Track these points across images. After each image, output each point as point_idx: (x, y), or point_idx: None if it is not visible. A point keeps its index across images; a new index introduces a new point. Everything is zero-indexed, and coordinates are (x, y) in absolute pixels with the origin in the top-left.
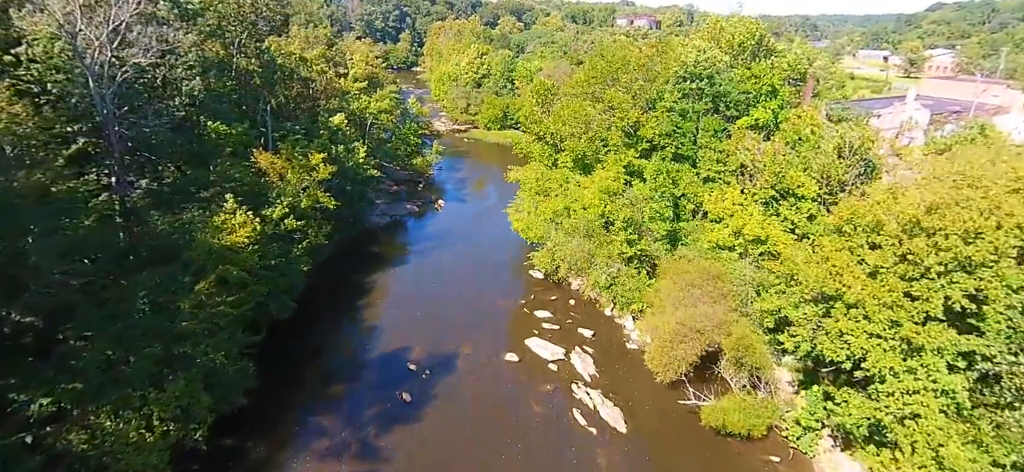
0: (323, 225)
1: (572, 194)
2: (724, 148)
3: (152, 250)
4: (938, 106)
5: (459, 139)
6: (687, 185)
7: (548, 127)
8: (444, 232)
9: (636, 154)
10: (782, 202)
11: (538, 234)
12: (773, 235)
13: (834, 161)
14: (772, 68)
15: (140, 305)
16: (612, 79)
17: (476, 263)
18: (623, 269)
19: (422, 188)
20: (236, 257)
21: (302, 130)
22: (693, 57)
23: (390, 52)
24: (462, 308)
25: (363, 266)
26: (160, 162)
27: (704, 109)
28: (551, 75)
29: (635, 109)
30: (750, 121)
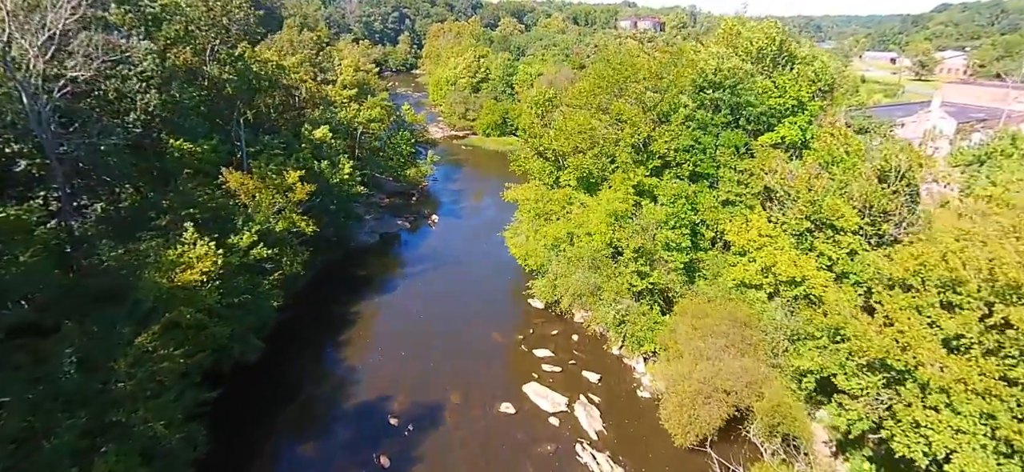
0: (300, 251)
1: (575, 219)
2: (746, 167)
3: (97, 290)
4: (961, 113)
5: (457, 146)
6: (707, 210)
7: (549, 142)
8: (437, 252)
9: (646, 172)
10: (817, 234)
11: (538, 262)
12: (810, 275)
13: (876, 187)
14: (797, 78)
15: (66, 365)
16: (619, 89)
17: (470, 289)
18: (633, 306)
19: (416, 201)
20: (193, 296)
21: (282, 144)
22: (713, 64)
23: (389, 54)
24: (453, 345)
25: (347, 293)
26: (117, 184)
27: (723, 122)
28: (552, 81)
29: (646, 122)
30: (775, 138)
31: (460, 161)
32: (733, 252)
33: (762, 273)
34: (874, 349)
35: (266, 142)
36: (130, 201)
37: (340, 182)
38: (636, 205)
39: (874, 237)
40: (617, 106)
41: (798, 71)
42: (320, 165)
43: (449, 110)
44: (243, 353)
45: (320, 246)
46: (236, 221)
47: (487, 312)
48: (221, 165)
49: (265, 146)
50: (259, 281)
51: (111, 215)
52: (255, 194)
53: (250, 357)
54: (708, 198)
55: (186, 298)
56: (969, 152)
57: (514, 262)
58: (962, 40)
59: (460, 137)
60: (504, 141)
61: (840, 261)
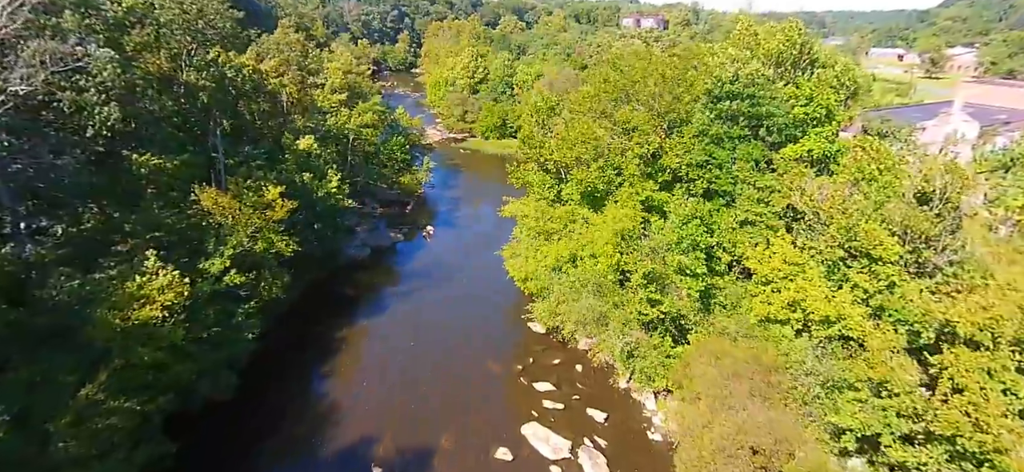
0: (280, 274)
1: (578, 238)
2: (767, 183)
3: (44, 329)
4: (981, 114)
5: (455, 150)
6: (723, 231)
7: (549, 153)
8: (431, 267)
9: (656, 186)
10: (852, 263)
11: (539, 285)
12: (847, 313)
13: (918, 212)
14: (819, 83)
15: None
16: (627, 94)
17: (466, 310)
18: (643, 338)
19: (411, 210)
20: (153, 334)
21: (264, 154)
22: (729, 72)
23: (388, 53)
24: (446, 376)
25: (333, 315)
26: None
27: (740, 134)
28: (553, 83)
29: (656, 132)
30: (800, 151)
31: (458, 166)
32: (755, 281)
33: (789, 308)
34: (941, 424)
35: (247, 153)
36: (93, 223)
37: (326, 196)
38: (644, 222)
39: (913, 265)
40: (624, 113)
41: (818, 75)
42: (303, 178)
43: (447, 112)
44: (214, 390)
45: (305, 264)
46: (208, 244)
47: (483, 337)
48: (196, 180)
49: (246, 158)
50: (233, 310)
51: (73, 238)
52: (231, 213)
53: (223, 395)
54: (725, 218)
55: (145, 337)
56: (994, 157)
57: (513, 282)
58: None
59: (458, 140)
60: (504, 144)
61: (878, 295)
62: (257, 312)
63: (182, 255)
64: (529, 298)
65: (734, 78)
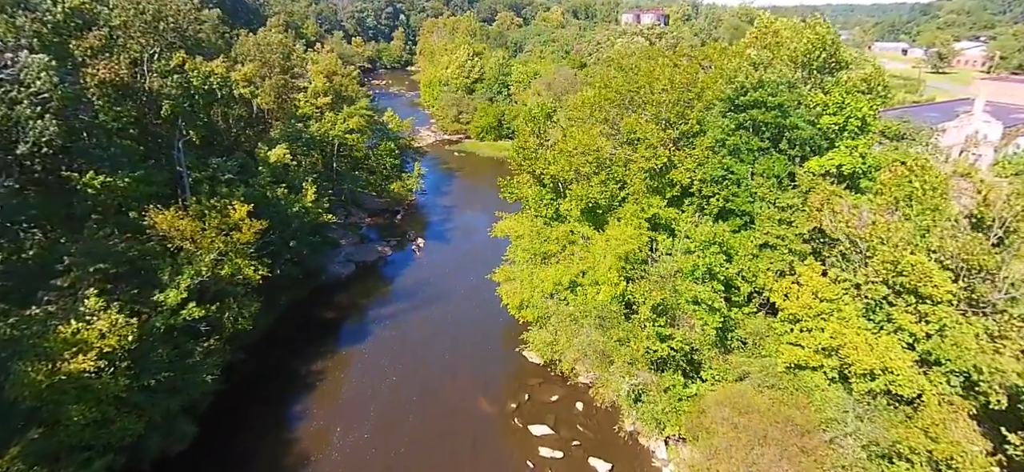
0: (249, 303)
1: (578, 262)
2: (789, 202)
3: None
4: (1000, 113)
5: (449, 153)
6: (743, 257)
7: (546, 165)
8: (420, 286)
9: (663, 202)
10: (896, 301)
11: (535, 313)
12: (896, 366)
13: (976, 241)
14: (850, 89)
15: None
16: (632, 101)
17: (456, 336)
18: (652, 379)
19: (401, 219)
20: (90, 387)
21: (236, 167)
22: (753, 76)
23: (382, 51)
24: (431, 416)
25: (310, 344)
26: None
27: (761, 146)
28: (551, 83)
29: (664, 145)
30: (828, 165)
31: (452, 169)
32: (781, 318)
33: (823, 353)
34: None
35: (216, 166)
36: (35, 251)
37: (302, 211)
38: (651, 244)
39: (963, 302)
40: (629, 122)
41: (839, 78)
42: (277, 193)
43: (441, 112)
44: (168, 445)
45: (280, 286)
46: (162, 273)
47: (474, 369)
48: (156, 199)
49: (215, 171)
50: (191, 348)
51: (15, 267)
52: (192, 237)
53: (178, 446)
54: (745, 243)
55: (79, 391)
56: (1018, 160)
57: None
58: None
59: (453, 142)
60: (499, 146)
61: (927, 340)
62: (221, 347)
63: (133, 287)
64: (525, 324)
65: (759, 84)
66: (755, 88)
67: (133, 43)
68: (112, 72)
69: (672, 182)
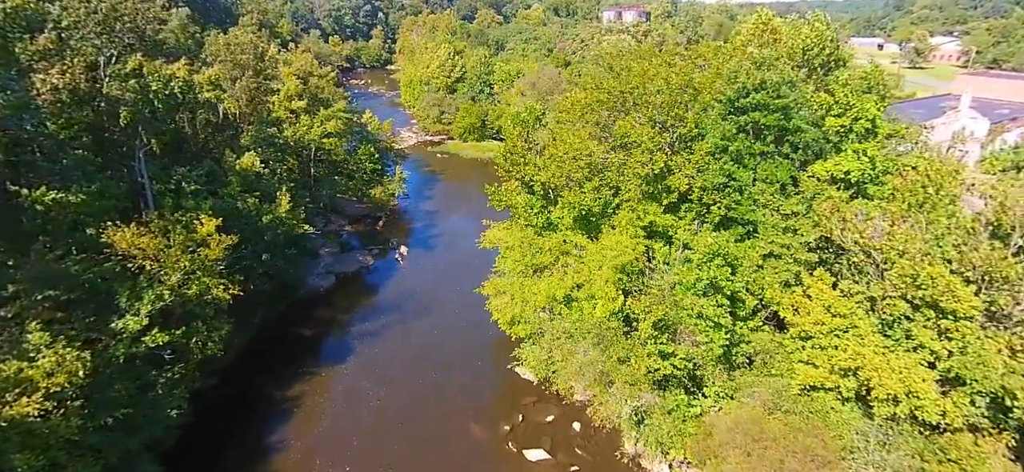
0: (219, 325)
1: (573, 273)
2: (793, 209)
3: None
4: (985, 109)
5: (431, 154)
6: (747, 269)
7: (537, 172)
8: (404, 298)
9: (659, 208)
10: (915, 315)
11: (528, 329)
12: (919, 389)
13: (999, 252)
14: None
15: None
16: (623, 102)
17: (443, 353)
18: (655, 401)
19: (383, 226)
20: (36, 431)
21: (203, 176)
22: (755, 76)
23: (361, 50)
24: (418, 446)
25: (287, 364)
26: None
27: (764, 150)
28: (535, 82)
29: (660, 149)
30: (834, 171)
31: (435, 172)
32: (792, 335)
33: (840, 374)
34: None
35: (182, 176)
36: None
37: (275, 222)
38: (647, 250)
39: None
40: (623, 125)
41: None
42: (247, 203)
43: (423, 113)
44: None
45: (254, 303)
46: (120, 298)
47: (464, 388)
48: (116, 213)
49: (181, 181)
50: (155, 379)
51: None
52: (154, 256)
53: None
54: (749, 253)
55: (25, 436)
56: (1005, 156)
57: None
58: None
59: (435, 143)
60: (483, 146)
61: (949, 358)
62: (189, 373)
63: (89, 314)
64: (517, 340)
65: (761, 84)
66: (757, 89)
67: (87, 45)
68: (66, 77)
69: (669, 188)
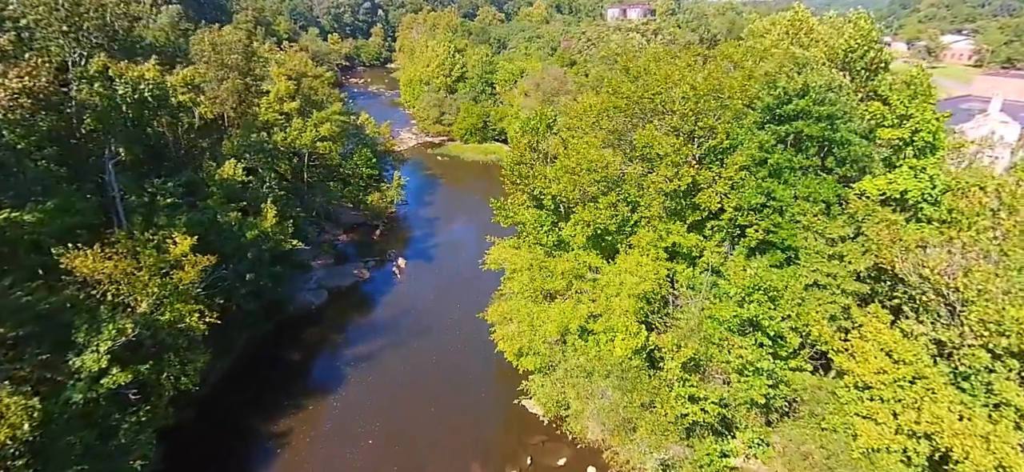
0: (195, 356)
1: (587, 301)
2: (839, 232)
3: None
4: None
5: (432, 157)
6: (790, 302)
7: (547, 185)
8: (401, 318)
9: (683, 227)
10: (996, 365)
11: (537, 362)
12: (1013, 462)
13: None
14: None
15: None
16: (643, 109)
17: (443, 384)
18: (685, 454)
19: (380, 234)
20: None
21: (181, 188)
22: (796, 81)
23: (361, 48)
24: None
25: (272, 393)
26: None
27: (805, 164)
28: (540, 82)
29: (687, 163)
30: (888, 189)
31: (435, 176)
32: (846, 384)
33: (908, 435)
34: None
35: (158, 187)
36: None
37: (261, 237)
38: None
39: None
40: (644, 135)
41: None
42: (228, 216)
43: (423, 113)
44: None
45: (236, 326)
46: (78, 333)
47: (465, 424)
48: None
49: (155, 194)
50: (118, 423)
51: None
52: (121, 281)
53: None
54: (791, 283)
55: None
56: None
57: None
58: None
59: (436, 145)
60: (485, 149)
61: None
62: (160, 412)
63: (43, 351)
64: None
65: (804, 90)
66: (800, 94)
67: (53, 45)
68: (27, 81)
69: (697, 206)
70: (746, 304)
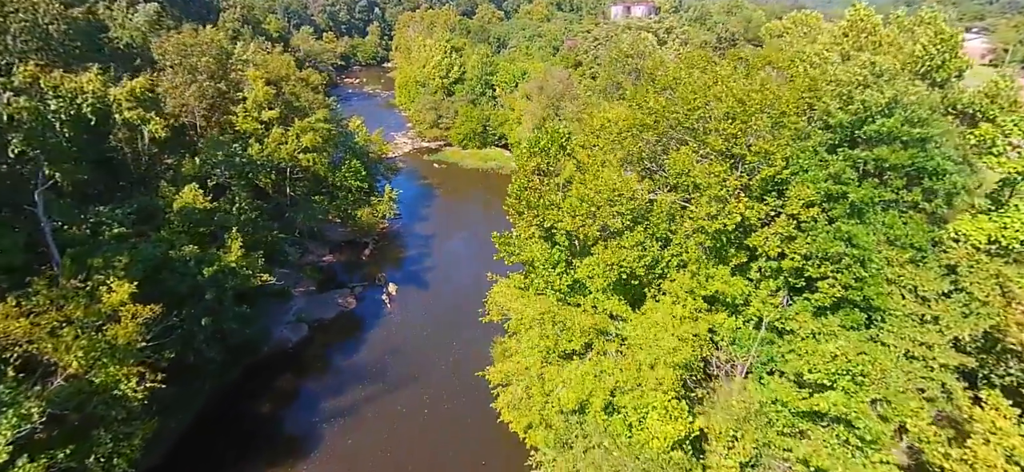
0: (138, 426)
1: (612, 367)
2: (935, 289)
3: None
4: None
5: (428, 164)
6: (876, 381)
7: (560, 216)
8: (390, 358)
9: (727, 270)
10: None
11: (548, 439)
12: None
13: None
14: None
15: None
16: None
17: (435, 444)
18: None
19: (370, 254)
20: None
21: (130, 216)
22: (875, 95)
23: (357, 47)
24: None
25: (235, 457)
26: None
27: (890, 199)
28: (543, 85)
29: (735, 195)
30: (1002, 236)
31: (431, 185)
32: None
33: None
34: None
35: (102, 217)
36: None
37: (221, 273)
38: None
39: None
40: (679, 161)
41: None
42: (183, 251)
43: (419, 116)
44: None
45: (200, 372)
46: None
47: None
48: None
49: (99, 223)
50: None
51: None
52: (38, 341)
53: None
54: (879, 357)
55: None
56: None
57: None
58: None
59: (432, 150)
60: (484, 155)
61: None
62: None
63: None
64: None
65: (890, 106)
66: (885, 112)
67: None
68: None
69: (748, 248)
70: (830, 391)
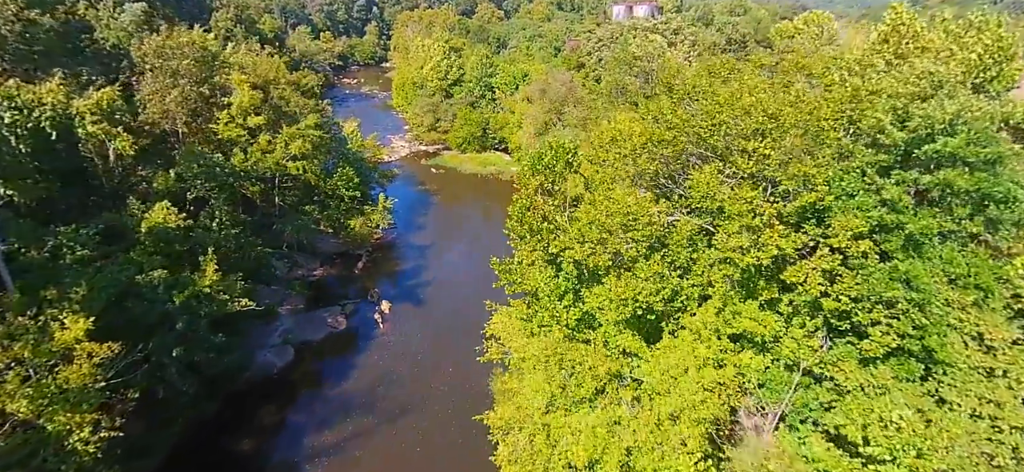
0: None
1: (627, 417)
2: (1005, 336)
3: None
4: None
5: (425, 168)
6: (939, 452)
7: (567, 242)
8: (380, 385)
9: (755, 305)
10: None
11: None
12: None
13: None
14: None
15: None
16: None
17: None
18: None
19: (362, 267)
20: None
21: (96, 236)
22: (945, 109)
23: (355, 47)
24: None
25: None
26: None
27: (950, 230)
28: (545, 88)
29: (769, 223)
30: None
31: (429, 191)
32: None
33: None
34: None
35: (64, 238)
36: None
37: (194, 300)
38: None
39: None
40: (702, 182)
41: None
42: (152, 276)
43: (416, 118)
44: None
45: (172, 406)
46: None
47: None
48: None
49: (59, 247)
50: None
51: None
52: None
53: None
54: (951, 423)
55: None
56: None
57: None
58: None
59: (430, 154)
60: (484, 159)
61: None
62: None
63: None
64: None
65: (952, 123)
66: (948, 130)
67: None
68: None
69: (785, 284)
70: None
